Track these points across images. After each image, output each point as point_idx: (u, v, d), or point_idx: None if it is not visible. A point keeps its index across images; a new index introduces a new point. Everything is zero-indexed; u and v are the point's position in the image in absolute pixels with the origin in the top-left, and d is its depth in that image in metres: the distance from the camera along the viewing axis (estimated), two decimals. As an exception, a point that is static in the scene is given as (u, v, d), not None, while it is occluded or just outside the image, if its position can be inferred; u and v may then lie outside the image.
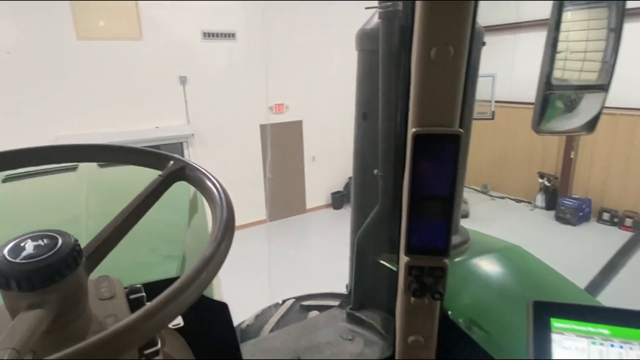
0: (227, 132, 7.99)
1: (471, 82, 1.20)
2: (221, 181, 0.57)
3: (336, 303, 1.63)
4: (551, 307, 0.60)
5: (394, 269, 1.12)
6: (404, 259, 0.83)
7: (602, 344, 0.57)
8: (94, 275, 0.54)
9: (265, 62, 7.44)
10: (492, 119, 8.04)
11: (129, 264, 0.86)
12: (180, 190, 1.37)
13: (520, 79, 8.31)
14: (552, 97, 1.32)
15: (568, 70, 1.27)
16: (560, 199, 8.57)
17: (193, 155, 7.61)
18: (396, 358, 0.98)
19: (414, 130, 0.72)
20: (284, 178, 9.05)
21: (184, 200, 1.32)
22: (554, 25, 1.20)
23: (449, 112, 0.72)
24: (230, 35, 7.72)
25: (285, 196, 9.15)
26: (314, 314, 1.74)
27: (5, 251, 0.43)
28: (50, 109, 6.39)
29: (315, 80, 8.57)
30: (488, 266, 1.26)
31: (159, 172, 0.61)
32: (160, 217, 1.13)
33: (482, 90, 8.04)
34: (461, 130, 0.72)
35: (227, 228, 0.49)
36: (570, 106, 1.42)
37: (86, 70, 6.55)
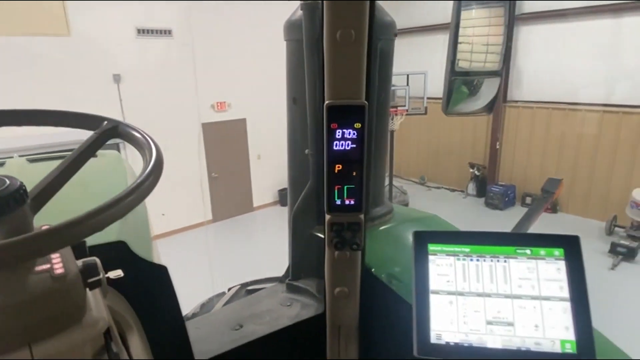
0: (168, 132, 7.76)
1: (386, 69, 1.34)
2: (164, 182, 0.65)
3: None
4: (428, 235, 0.77)
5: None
6: (327, 217, 0.95)
7: (464, 259, 0.75)
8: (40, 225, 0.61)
9: (194, 60, 7.33)
10: (425, 113, 8.55)
11: None
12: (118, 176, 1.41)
13: (450, 76, 8.88)
14: (457, 82, 1.53)
15: (465, 60, 1.47)
16: (488, 186, 9.31)
17: (131, 156, 7.33)
18: (326, 309, 1.11)
19: (326, 102, 0.85)
20: (230, 177, 8.98)
21: (122, 181, 1.36)
22: (455, 21, 1.40)
23: (355, 86, 0.86)
24: (167, 32, 7.52)
25: (231, 195, 9.08)
26: None
27: None
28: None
29: (258, 78, 8.56)
30: (407, 231, 1.43)
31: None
32: (101, 191, 1.18)
33: (417, 87, 8.52)
34: (365, 102, 0.85)
35: (155, 166, 0.58)
36: (474, 91, 1.63)
37: (8, 67, 6.07)
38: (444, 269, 0.76)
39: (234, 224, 8.95)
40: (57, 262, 0.53)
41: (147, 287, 0.88)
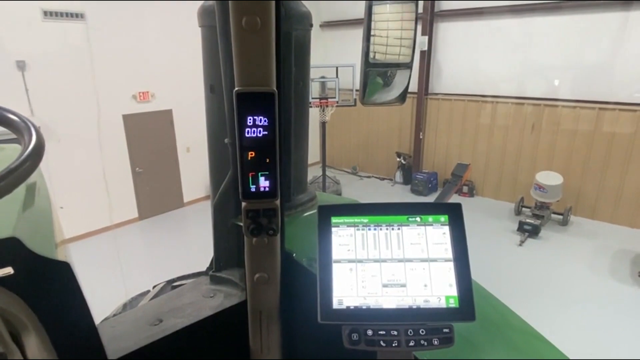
0: (85, 124, 7.16)
1: (303, 58, 1.37)
2: (82, 178, 0.61)
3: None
4: (331, 209, 0.82)
5: None
6: (243, 204, 0.96)
7: (363, 229, 0.81)
8: None
9: (110, 47, 6.82)
10: (355, 105, 8.80)
11: None
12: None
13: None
14: (372, 73, 1.60)
15: (380, 53, 1.55)
16: (413, 174, 9.86)
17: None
18: (247, 295, 1.12)
19: (236, 89, 0.85)
20: (156, 172, 8.53)
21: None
22: (368, 15, 1.46)
23: (264, 74, 0.87)
24: (78, 16, 6.89)
25: (159, 191, 8.64)
26: None
27: None
28: None
29: (184, 66, 8.18)
30: None
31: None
32: None
33: (346, 79, 8.72)
34: (275, 89, 0.87)
35: (33, 151, 0.56)
36: (387, 82, 1.72)
37: None
38: (345, 239, 0.82)
39: (162, 221, 8.55)
40: None
41: (46, 286, 0.82)
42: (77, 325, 0.92)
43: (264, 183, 0.93)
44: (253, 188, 0.93)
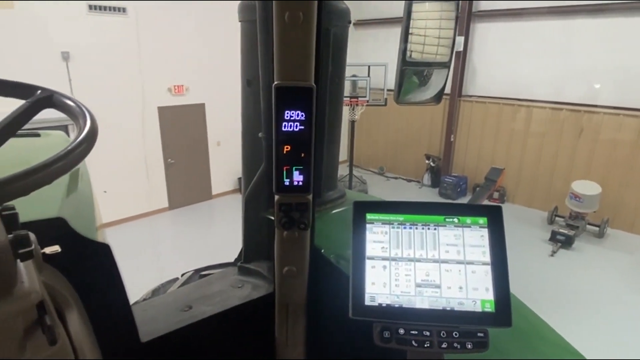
0: (122, 115, 7.42)
1: (340, 55, 1.37)
2: (117, 167, 0.64)
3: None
4: (366, 205, 0.82)
5: None
6: (276, 198, 0.97)
7: (398, 227, 0.80)
8: None
9: (150, 40, 7.01)
10: (385, 105, 8.72)
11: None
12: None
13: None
14: (408, 72, 1.58)
15: (417, 52, 1.53)
16: (442, 177, 9.68)
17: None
18: (275, 288, 1.14)
19: (275, 83, 0.86)
20: (187, 163, 8.74)
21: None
22: (407, 13, 1.44)
23: (303, 69, 0.87)
24: (121, 10, 7.14)
25: (188, 182, 8.85)
26: None
27: None
28: None
29: (217, 61, 8.34)
30: None
31: None
32: None
33: (378, 78, 8.65)
34: (313, 84, 0.87)
35: (88, 135, 0.58)
36: (424, 81, 1.69)
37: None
38: (380, 236, 0.82)
39: (191, 212, 8.76)
40: None
41: (88, 266, 0.86)
42: (114, 306, 0.96)
43: (297, 177, 0.94)
44: (287, 182, 0.94)
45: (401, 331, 0.73)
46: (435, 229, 0.80)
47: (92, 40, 6.91)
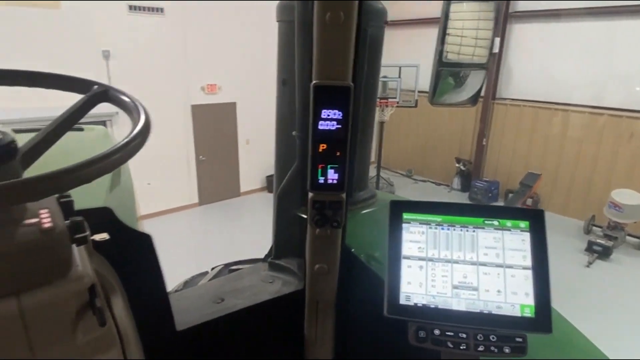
0: (156, 112, 7.63)
1: (375, 56, 1.37)
2: (150, 160, 0.68)
3: None
4: (403, 204, 0.82)
5: None
6: (309, 195, 0.99)
7: (435, 228, 0.80)
8: None
9: (185, 40, 7.19)
10: (415, 106, 8.61)
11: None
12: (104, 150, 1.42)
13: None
14: (444, 73, 1.56)
15: (453, 53, 1.51)
16: (473, 181, 9.45)
17: (117, 135, 7.21)
18: (306, 285, 1.15)
19: (313, 82, 0.87)
20: (217, 161, 8.93)
21: None
22: (445, 12, 1.43)
23: (342, 68, 0.88)
24: (158, 10, 7.38)
25: (218, 179, 9.04)
26: None
27: None
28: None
29: (249, 61, 8.48)
30: (387, 216, 1.48)
31: None
32: None
33: (408, 79, 8.56)
34: (351, 84, 0.88)
35: (143, 128, 0.61)
36: (459, 82, 1.67)
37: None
38: (416, 236, 0.81)
39: (220, 208, 8.93)
40: (45, 217, 0.56)
41: (131, 254, 0.90)
42: (153, 294, 1.00)
43: (332, 176, 0.95)
44: (321, 180, 0.95)
45: (437, 332, 0.72)
46: (474, 231, 0.79)
47: (130, 40, 7.17)
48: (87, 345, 0.60)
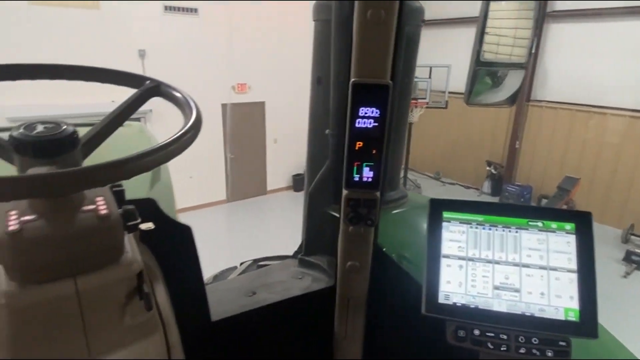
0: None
1: (411, 54, 1.36)
2: (185, 161, 0.70)
3: None
4: (443, 203, 0.81)
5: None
6: (344, 193, 0.99)
7: (477, 228, 0.79)
8: None
9: (217, 40, 7.31)
10: (446, 107, 8.46)
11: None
12: (142, 146, 1.48)
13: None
14: (481, 72, 1.54)
15: (490, 52, 1.48)
16: (504, 185, 9.20)
17: (151, 131, 7.43)
18: (337, 282, 1.16)
19: (352, 80, 0.88)
20: (246, 159, 9.07)
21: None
22: (484, 11, 1.41)
23: (381, 66, 0.88)
24: (192, 10, 7.56)
25: (246, 177, 9.18)
26: None
27: (22, 128, 0.57)
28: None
29: (279, 62, 8.57)
30: (419, 216, 1.46)
31: None
32: None
33: (438, 80, 8.42)
34: (390, 82, 0.88)
35: (195, 122, 0.63)
36: (497, 82, 1.64)
37: (37, 36, 6.21)
38: (457, 235, 0.81)
39: (247, 205, 9.07)
40: (101, 204, 0.59)
41: (171, 244, 0.93)
42: (191, 284, 1.03)
43: (367, 174, 0.95)
44: (357, 178, 0.95)
45: (476, 332, 0.71)
46: (517, 231, 0.77)
47: (165, 39, 7.39)
48: (133, 328, 0.63)
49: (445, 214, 0.81)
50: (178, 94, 0.72)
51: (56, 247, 0.54)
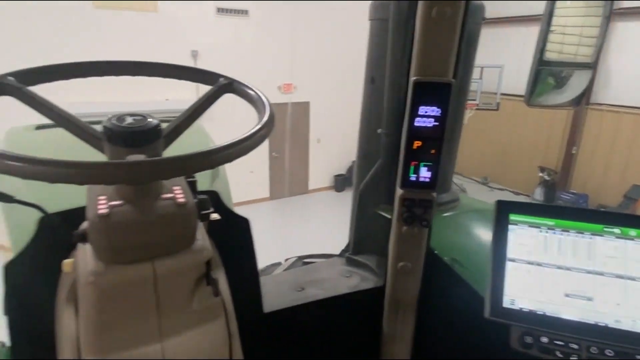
0: (235, 108, 8.05)
1: (470, 53, 1.33)
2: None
3: None
4: (510, 205, 0.78)
5: (390, 217, 1.29)
6: (399, 192, 0.99)
7: (547, 232, 0.75)
8: None
9: (266, 40, 7.42)
10: (497, 109, 8.14)
11: None
12: (200, 144, 1.55)
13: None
14: (544, 72, 1.48)
15: (553, 52, 1.41)
16: (558, 193, 8.71)
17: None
18: (387, 282, 1.15)
19: (414, 78, 0.87)
20: (289, 158, 9.20)
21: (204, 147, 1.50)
22: (549, 9, 1.35)
23: (444, 64, 0.87)
24: (243, 12, 7.78)
25: (288, 176, 9.32)
26: None
27: (113, 120, 0.61)
28: (65, 75, 6.51)
29: (325, 63, 8.63)
30: (472, 220, 1.43)
31: None
32: None
33: (489, 81, 8.11)
34: (453, 80, 0.87)
35: (267, 122, 0.66)
36: (560, 82, 1.56)
37: (101, 38, 6.65)
38: (525, 239, 0.78)
39: (289, 203, 9.20)
40: (179, 193, 0.62)
41: (231, 236, 0.97)
42: (246, 275, 1.07)
43: (424, 173, 0.94)
44: (413, 177, 0.94)
45: (544, 339, 0.69)
46: (591, 238, 0.73)
47: (216, 40, 7.65)
48: (200, 312, 0.67)
49: (512, 217, 0.78)
50: (251, 92, 0.75)
51: (139, 231, 0.58)
